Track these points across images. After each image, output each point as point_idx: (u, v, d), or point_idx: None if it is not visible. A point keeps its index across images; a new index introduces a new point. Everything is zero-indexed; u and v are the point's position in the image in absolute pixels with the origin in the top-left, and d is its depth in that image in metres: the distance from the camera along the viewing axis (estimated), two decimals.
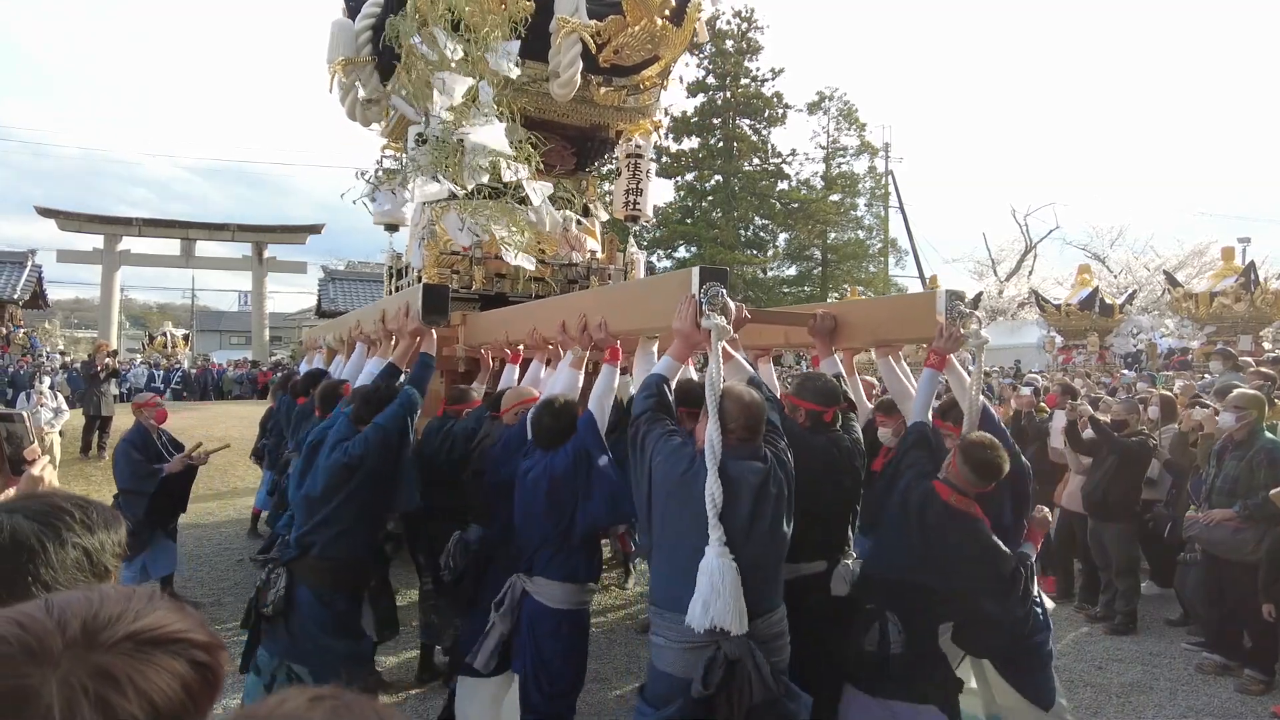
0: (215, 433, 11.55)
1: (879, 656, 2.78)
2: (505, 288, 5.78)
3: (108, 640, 0.67)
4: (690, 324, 2.58)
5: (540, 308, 4.52)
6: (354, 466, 3.14)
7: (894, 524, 2.94)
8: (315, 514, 3.18)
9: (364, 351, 5.04)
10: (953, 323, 2.98)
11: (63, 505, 1.21)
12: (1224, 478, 4.91)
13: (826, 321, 3.48)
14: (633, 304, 3.37)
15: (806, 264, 32.66)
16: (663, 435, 2.48)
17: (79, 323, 42.92)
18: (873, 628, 2.82)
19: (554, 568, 3.02)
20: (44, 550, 1.14)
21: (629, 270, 6.56)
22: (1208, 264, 26.35)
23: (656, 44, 6.32)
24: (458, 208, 5.44)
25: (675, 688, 2.31)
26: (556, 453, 3.05)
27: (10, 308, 23.50)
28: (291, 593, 3.13)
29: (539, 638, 3.00)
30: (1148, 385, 9.11)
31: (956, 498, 2.80)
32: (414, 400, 3.35)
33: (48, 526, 1.17)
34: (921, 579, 2.80)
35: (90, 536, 1.19)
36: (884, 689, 2.82)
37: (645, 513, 2.53)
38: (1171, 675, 4.84)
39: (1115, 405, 6.35)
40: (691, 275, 2.65)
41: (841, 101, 32.32)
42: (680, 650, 2.33)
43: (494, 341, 4.57)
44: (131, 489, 5.46)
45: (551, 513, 3.00)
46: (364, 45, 6.63)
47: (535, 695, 2.98)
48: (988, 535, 2.80)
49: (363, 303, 26.35)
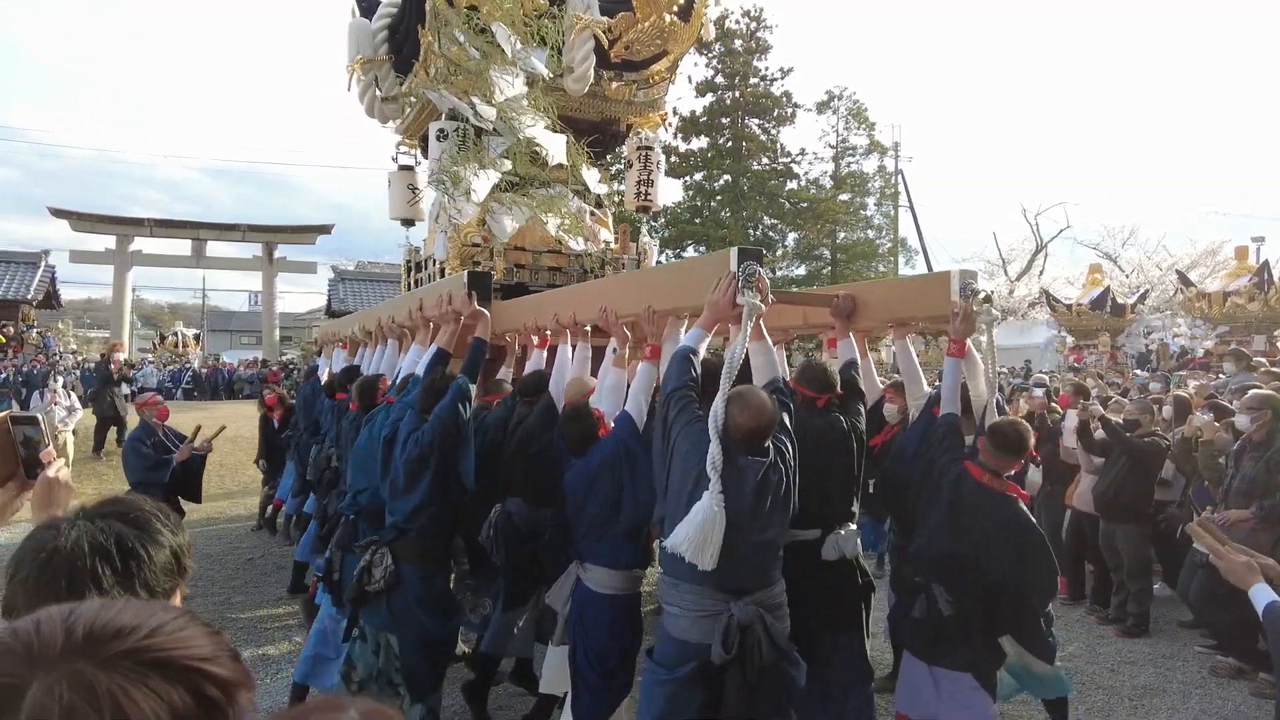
0: (226, 433, 11.59)
1: (927, 624, 3.03)
2: (525, 278, 5.91)
3: (106, 653, 0.64)
4: (726, 298, 2.73)
5: (576, 293, 4.61)
6: (426, 454, 3.40)
7: (932, 505, 3.17)
8: (406, 502, 3.44)
9: (396, 347, 5.13)
10: (966, 299, 3.15)
11: (147, 508, 1.25)
12: (1241, 479, 4.86)
13: (847, 303, 3.67)
14: (670, 285, 3.49)
15: (816, 264, 32.53)
16: (689, 422, 2.63)
17: (91, 323, 43.23)
18: (920, 597, 3.06)
19: (601, 555, 3.23)
20: (146, 553, 1.18)
21: (642, 259, 6.67)
22: (1221, 263, 26.18)
23: (665, 39, 6.53)
24: (498, 200, 5.65)
25: (688, 652, 2.53)
26: (592, 454, 3.23)
27: (24, 308, 23.70)
28: (398, 570, 3.40)
29: (587, 620, 3.21)
30: (1161, 386, 9.04)
31: (988, 477, 3.04)
32: (465, 390, 3.54)
33: (143, 530, 1.20)
34: (961, 551, 3.02)
35: (175, 538, 1.24)
36: (931, 655, 3.08)
37: (663, 487, 2.70)
38: (1185, 678, 4.80)
39: (1129, 405, 6.30)
40: (730, 254, 2.79)
41: (851, 101, 32.19)
42: (695, 618, 2.55)
43: (520, 328, 4.63)
44: (144, 481, 5.67)
45: (593, 507, 3.20)
46: (381, 44, 6.84)
47: (589, 673, 3.18)
48: (1019, 511, 3.04)
49: (372, 302, 26.43)
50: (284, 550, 7.57)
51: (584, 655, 3.19)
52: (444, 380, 3.64)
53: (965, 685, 3.02)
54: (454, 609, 3.60)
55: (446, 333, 4.06)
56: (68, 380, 14.26)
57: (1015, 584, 3.07)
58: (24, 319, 23.76)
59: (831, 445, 3.23)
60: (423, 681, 3.41)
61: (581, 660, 3.19)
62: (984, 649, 3.07)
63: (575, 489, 3.25)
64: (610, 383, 3.67)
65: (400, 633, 3.40)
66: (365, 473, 3.92)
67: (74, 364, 22.11)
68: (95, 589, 1.11)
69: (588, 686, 3.17)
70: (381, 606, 3.42)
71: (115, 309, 24.64)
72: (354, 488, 4.04)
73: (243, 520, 8.99)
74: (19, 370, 19.55)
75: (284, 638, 5.29)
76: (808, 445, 3.02)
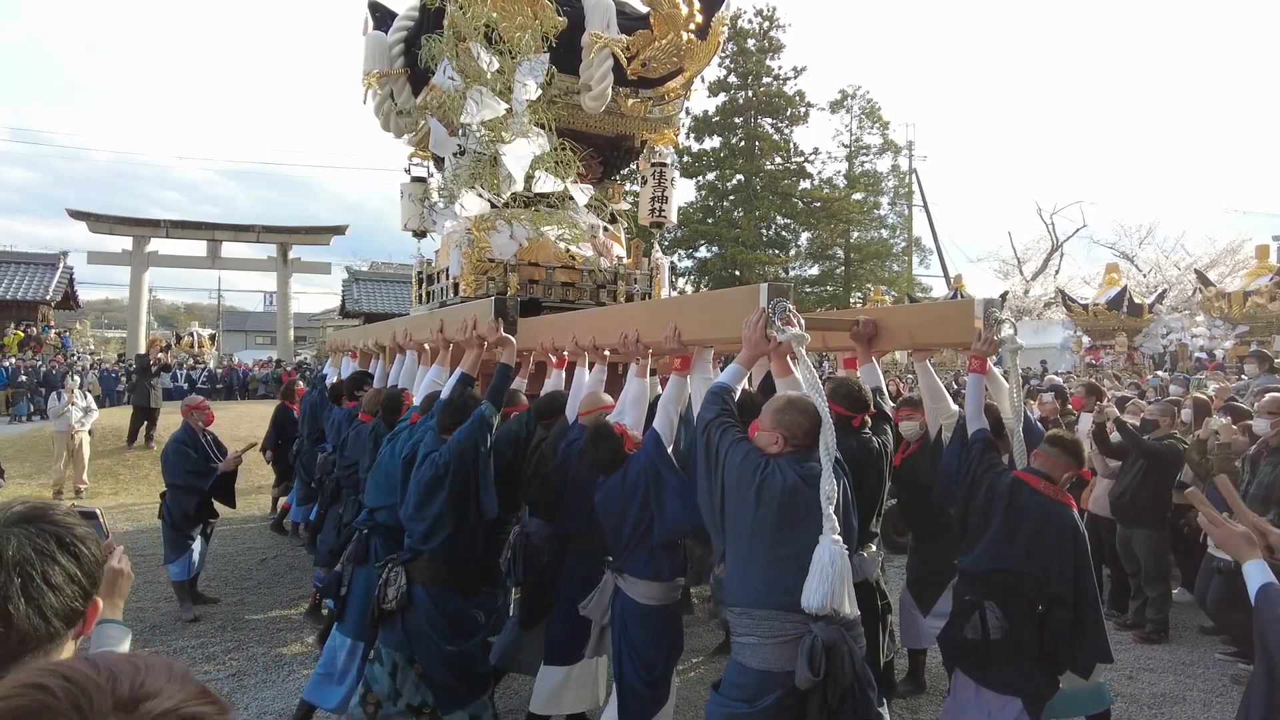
0: (240, 432, 11.70)
1: (980, 643, 3.01)
2: (538, 293, 5.90)
3: (149, 712, 0.67)
4: (759, 335, 2.79)
5: (598, 316, 4.64)
6: (441, 476, 3.36)
7: (983, 519, 3.15)
8: (420, 523, 3.41)
9: (415, 359, 5.19)
10: (989, 327, 3.17)
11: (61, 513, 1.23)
12: (1258, 484, 4.78)
13: (868, 328, 3.66)
14: (698, 316, 3.50)
15: (829, 263, 32.42)
16: (734, 443, 2.60)
17: (109, 323, 43.73)
18: (973, 616, 3.04)
19: (639, 567, 3.27)
20: (89, 552, 1.19)
21: (654, 275, 6.67)
22: (1241, 262, 25.87)
23: (682, 57, 6.55)
24: (497, 217, 5.64)
25: (770, 681, 2.42)
26: (625, 471, 3.27)
27: (42, 308, 23.98)
28: (410, 591, 3.39)
29: (630, 628, 3.26)
30: (1180, 388, 8.92)
31: (1044, 484, 3.08)
32: (486, 419, 3.48)
33: (70, 533, 1.20)
34: (1016, 566, 3.02)
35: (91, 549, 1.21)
36: (982, 676, 3.07)
37: (718, 518, 2.63)
38: (1205, 686, 4.72)
39: (1150, 407, 6.21)
40: (760, 290, 2.90)
41: (864, 100, 32.08)
42: (775, 645, 2.43)
43: (537, 347, 4.63)
44: (184, 484, 5.87)
45: (630, 522, 3.25)
46: (396, 58, 6.85)
47: (633, 679, 3.23)
48: (1074, 519, 3.07)
49: (386, 303, 26.60)
50: (296, 551, 7.61)
51: (630, 665, 3.23)
52: (468, 400, 3.62)
53: (1010, 710, 2.99)
54: (470, 630, 3.52)
55: (470, 357, 4.02)
56: (85, 380, 14.43)
57: (1070, 596, 3.05)
58: (43, 319, 24.05)
59: (863, 465, 3.23)
60: (454, 697, 3.38)
61: (628, 669, 3.23)
62: (1035, 672, 3.05)
63: (610, 506, 3.29)
64: (633, 394, 3.67)
65: (420, 653, 3.39)
66: (384, 491, 3.91)
67: (91, 364, 22.35)
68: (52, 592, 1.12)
69: (635, 695, 3.22)
70: (397, 627, 3.41)
71: (132, 309, 24.83)
72: (371, 504, 4.02)
73: (255, 520, 9.05)
74: (37, 371, 19.77)
75: (296, 639, 5.31)
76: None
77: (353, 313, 26.71)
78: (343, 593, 4.00)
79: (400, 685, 3.35)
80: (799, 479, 2.45)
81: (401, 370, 5.37)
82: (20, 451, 12.45)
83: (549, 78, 5.73)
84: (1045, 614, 3.04)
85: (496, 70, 5.38)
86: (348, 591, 3.98)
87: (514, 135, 5.29)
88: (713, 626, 5.31)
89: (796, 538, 2.40)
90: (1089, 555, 3.10)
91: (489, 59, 5.36)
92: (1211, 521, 2.34)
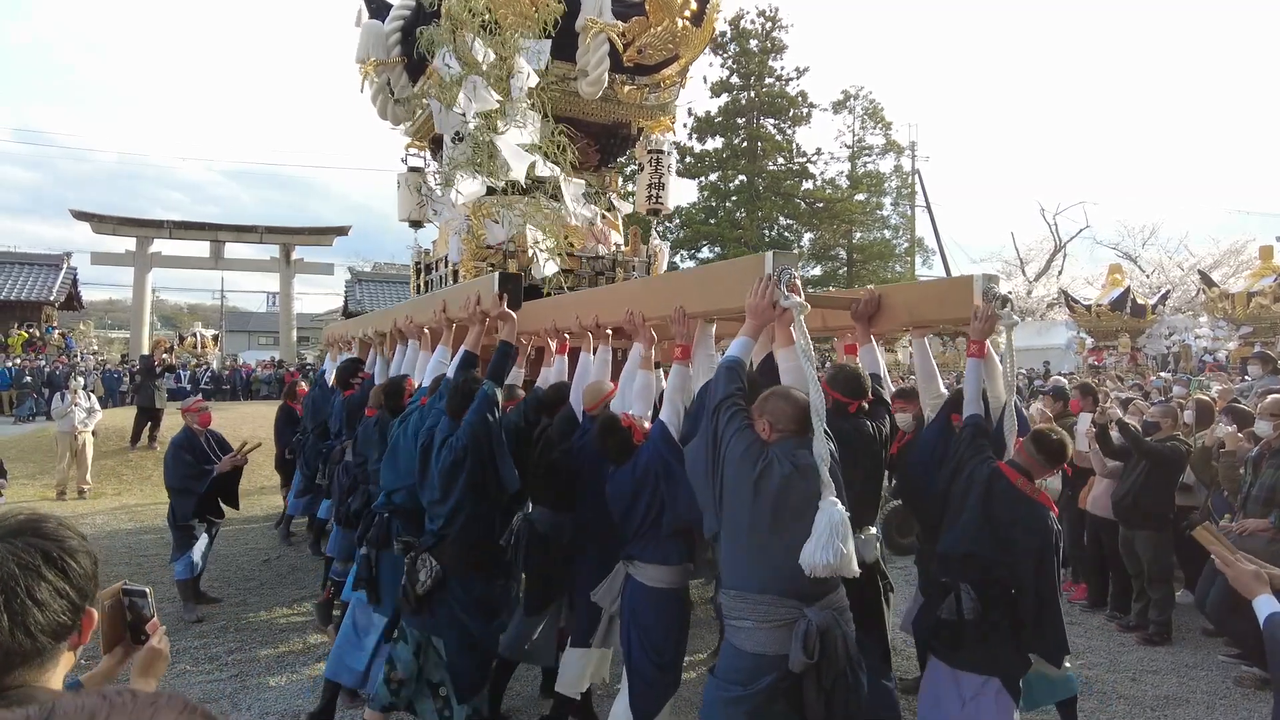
0: (243, 432, 11.68)
1: (954, 624, 3.02)
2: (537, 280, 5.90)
3: None
4: (765, 302, 2.71)
5: (602, 295, 4.61)
6: (460, 460, 3.44)
7: (961, 503, 3.16)
8: (443, 507, 3.49)
9: (418, 346, 5.15)
10: (988, 304, 3.14)
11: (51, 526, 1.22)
12: (1260, 486, 4.77)
13: (870, 305, 3.61)
14: (700, 289, 3.47)
15: (832, 264, 32.40)
16: (739, 431, 2.58)
17: (112, 323, 43.83)
18: (948, 598, 3.04)
19: (649, 553, 3.31)
20: (77, 564, 1.18)
21: (652, 262, 6.67)
22: (1245, 263, 25.83)
23: (678, 44, 6.56)
24: (494, 204, 5.68)
25: (764, 665, 2.44)
26: (635, 461, 3.30)
27: (46, 309, 24.04)
28: (441, 574, 3.47)
29: (640, 614, 3.29)
30: (1183, 389, 8.90)
31: (1021, 480, 3.06)
32: (492, 396, 3.56)
33: (61, 544, 1.19)
34: (987, 551, 3.04)
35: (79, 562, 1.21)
36: (956, 658, 3.08)
37: (715, 500, 2.62)
38: (1208, 688, 4.71)
39: (1152, 408, 6.20)
40: (766, 258, 2.81)
41: (867, 100, 32.07)
42: (770, 629, 2.44)
43: (538, 331, 4.63)
44: (181, 488, 5.87)
45: (640, 511, 3.28)
46: (393, 46, 6.85)
47: (645, 666, 3.25)
48: (1046, 521, 3.03)
49: (389, 303, 26.60)
50: (299, 551, 7.61)
51: (640, 649, 3.26)
52: (472, 383, 3.66)
53: (989, 690, 3.02)
54: (495, 610, 3.64)
55: (473, 334, 4.04)
56: (88, 381, 14.46)
57: (1030, 593, 3.05)
58: (46, 320, 24.11)
59: (858, 450, 3.24)
60: (468, 682, 3.45)
61: (638, 655, 3.26)
62: (1009, 652, 3.06)
63: (620, 496, 3.33)
64: (639, 385, 3.68)
65: (445, 636, 3.46)
66: (399, 472, 3.93)
67: (94, 364, 22.41)
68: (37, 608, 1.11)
69: (645, 680, 3.24)
70: (425, 610, 3.48)
71: (135, 310, 24.89)
72: (387, 487, 4.05)
73: (258, 521, 9.06)
74: (40, 371, 19.83)
75: (299, 639, 5.31)
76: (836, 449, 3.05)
77: (356, 313, 26.63)
78: (372, 574, 4.07)
79: (424, 666, 3.44)
80: (794, 469, 2.47)
81: (403, 360, 5.34)
82: (23, 452, 12.49)
83: (545, 65, 5.75)
84: (1016, 599, 3.06)
85: (493, 61, 5.40)
86: (376, 572, 4.05)
87: (509, 125, 5.30)
88: (714, 627, 5.31)
89: (792, 526, 2.42)
90: (1054, 558, 3.08)
91: (484, 51, 5.37)
92: (1224, 560, 2.40)
